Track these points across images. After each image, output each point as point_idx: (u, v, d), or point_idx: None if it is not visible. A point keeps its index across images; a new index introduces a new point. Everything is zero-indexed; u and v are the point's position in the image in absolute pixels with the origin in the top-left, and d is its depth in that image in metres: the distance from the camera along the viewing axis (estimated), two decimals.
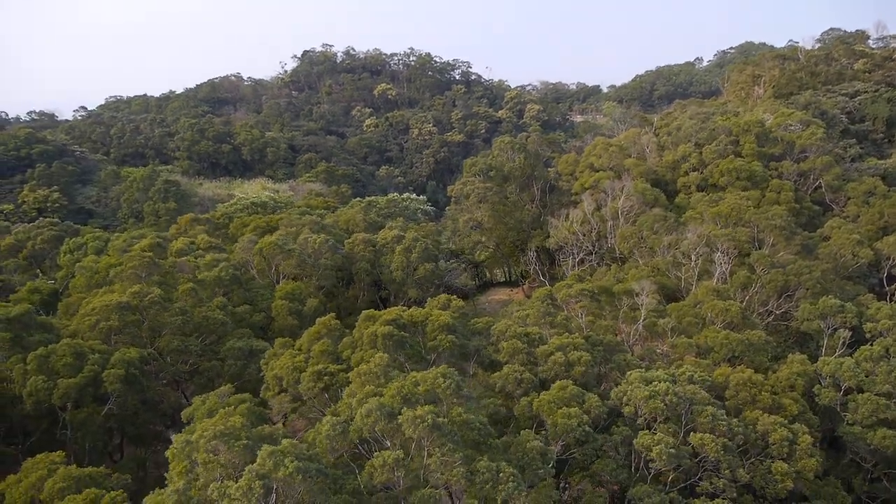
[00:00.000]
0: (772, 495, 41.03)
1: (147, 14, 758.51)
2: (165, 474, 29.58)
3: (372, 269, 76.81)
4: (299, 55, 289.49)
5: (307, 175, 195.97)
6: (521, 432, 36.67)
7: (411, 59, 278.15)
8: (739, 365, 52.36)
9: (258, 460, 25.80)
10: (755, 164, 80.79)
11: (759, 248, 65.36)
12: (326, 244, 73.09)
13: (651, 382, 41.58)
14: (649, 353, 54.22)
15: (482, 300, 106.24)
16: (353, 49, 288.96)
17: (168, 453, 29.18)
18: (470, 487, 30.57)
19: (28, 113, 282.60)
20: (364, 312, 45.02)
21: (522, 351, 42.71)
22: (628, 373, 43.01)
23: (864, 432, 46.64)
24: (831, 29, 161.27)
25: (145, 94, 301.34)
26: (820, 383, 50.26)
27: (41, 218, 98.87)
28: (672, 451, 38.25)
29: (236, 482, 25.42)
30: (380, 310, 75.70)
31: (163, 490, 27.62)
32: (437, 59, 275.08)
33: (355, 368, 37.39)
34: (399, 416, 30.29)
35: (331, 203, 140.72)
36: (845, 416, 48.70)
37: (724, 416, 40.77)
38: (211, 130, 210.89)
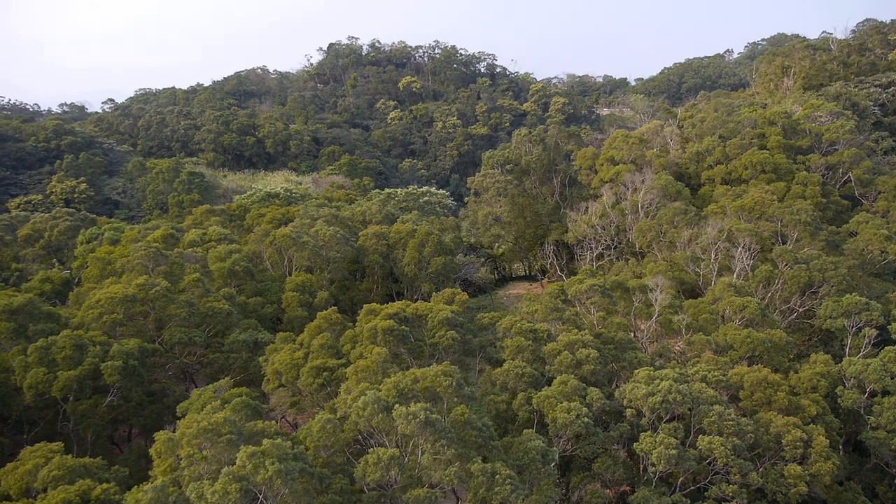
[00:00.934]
0: (785, 501, 39.32)
1: (177, 8, 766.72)
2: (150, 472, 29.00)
3: (384, 263, 75.95)
4: (325, 48, 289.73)
5: (330, 168, 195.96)
6: (523, 431, 35.46)
7: (436, 51, 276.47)
8: (758, 364, 50.53)
9: (238, 461, 25.00)
10: (780, 157, 78.08)
11: (783, 244, 63.06)
12: (337, 237, 72.33)
13: (655, 380, 40.04)
14: (664, 351, 52.56)
15: (501, 294, 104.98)
16: (378, 42, 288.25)
17: (152, 450, 28.56)
18: (466, 488, 29.55)
19: (59, 105, 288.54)
20: (366, 306, 44.17)
21: (527, 348, 41.38)
22: (636, 371, 41.51)
23: (888, 437, 44.57)
24: (867, 19, 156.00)
25: (173, 87, 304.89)
26: (843, 385, 48.13)
27: (57, 209, 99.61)
28: (673, 452, 36.75)
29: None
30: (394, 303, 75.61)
31: (144, 487, 27.01)
32: (463, 52, 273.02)
33: (353, 364, 36.46)
34: (392, 412, 29.28)
35: (352, 195, 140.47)
36: (869, 419, 46.59)
37: (732, 416, 39.04)
38: (235, 123, 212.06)
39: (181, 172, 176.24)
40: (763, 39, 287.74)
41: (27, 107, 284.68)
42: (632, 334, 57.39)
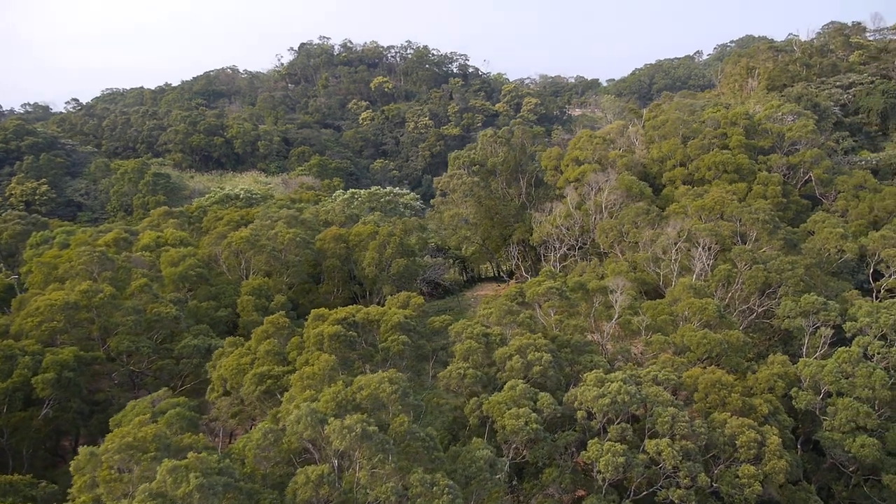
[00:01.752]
0: (741, 502, 38.91)
1: (149, 9, 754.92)
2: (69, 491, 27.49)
3: (343, 266, 74.56)
4: (296, 48, 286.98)
5: (300, 168, 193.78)
6: (472, 440, 34.49)
7: (409, 51, 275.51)
8: (717, 365, 50.21)
9: (157, 476, 23.67)
10: (742, 157, 78.26)
11: (744, 244, 62.99)
12: (297, 239, 70.84)
13: (605, 383, 39.37)
14: (623, 353, 52.03)
15: (469, 296, 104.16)
16: (350, 42, 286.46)
17: (72, 466, 27.05)
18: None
19: (22, 105, 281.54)
20: (314, 311, 42.89)
21: (477, 351, 40.43)
22: (585, 375, 40.80)
23: (842, 438, 44.44)
24: (832, 22, 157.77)
25: (141, 87, 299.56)
26: (799, 386, 47.97)
27: (8, 212, 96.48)
28: (621, 460, 36.06)
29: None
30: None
31: None
32: (435, 52, 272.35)
33: (297, 371, 35.21)
34: (326, 426, 28.09)
35: (321, 196, 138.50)
36: (825, 420, 46.47)
37: (686, 419, 38.53)
38: (203, 123, 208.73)
39: (146, 174, 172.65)
40: (732, 41, 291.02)
41: None
42: (592, 336, 56.88)
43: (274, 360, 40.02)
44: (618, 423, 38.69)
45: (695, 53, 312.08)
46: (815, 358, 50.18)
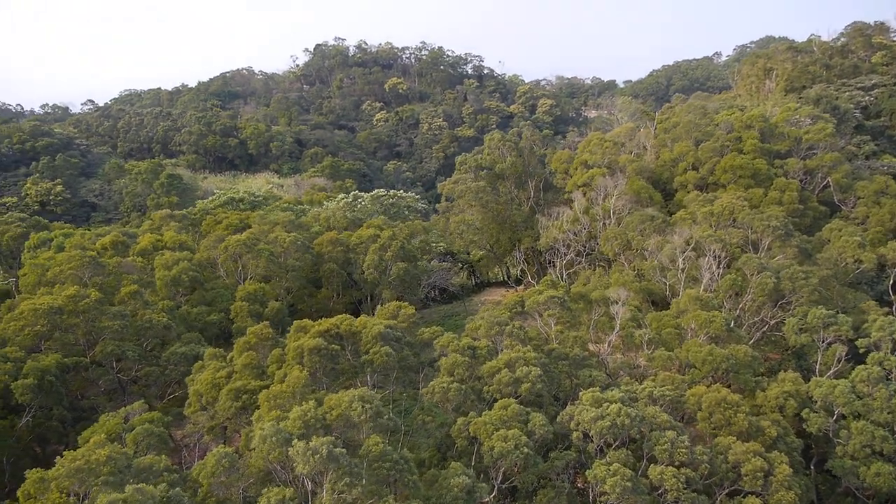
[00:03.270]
0: None
1: (167, 7, 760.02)
2: None
3: (342, 270, 72.90)
4: (311, 49, 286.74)
5: (312, 170, 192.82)
6: (451, 465, 32.49)
7: (423, 52, 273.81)
8: (724, 382, 47.76)
9: None
10: (758, 161, 75.40)
11: (756, 253, 60.30)
12: (296, 243, 69.34)
13: (604, 403, 37.18)
14: (624, 368, 49.74)
15: (476, 300, 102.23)
16: (365, 43, 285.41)
17: (20, 492, 25.54)
18: None
19: (41, 106, 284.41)
20: (296, 322, 41.14)
21: (462, 365, 38.41)
22: (581, 393, 38.62)
23: (856, 466, 41.67)
24: (855, 22, 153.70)
25: (159, 88, 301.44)
26: (811, 407, 45.28)
27: (9, 213, 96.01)
28: (628, 484, 33.91)
29: None
30: (357, 313, 72.47)
31: None
32: (450, 54, 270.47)
33: (268, 388, 33.45)
34: (289, 451, 26.29)
35: (331, 198, 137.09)
36: (838, 443, 43.79)
37: (686, 443, 36.20)
38: (218, 124, 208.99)
39: (160, 175, 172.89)
40: (752, 42, 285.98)
41: (9, 108, 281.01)
42: (595, 347, 54.63)
43: (252, 374, 38.36)
44: (616, 447, 36.54)
45: (713, 54, 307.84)
46: (829, 376, 47.43)
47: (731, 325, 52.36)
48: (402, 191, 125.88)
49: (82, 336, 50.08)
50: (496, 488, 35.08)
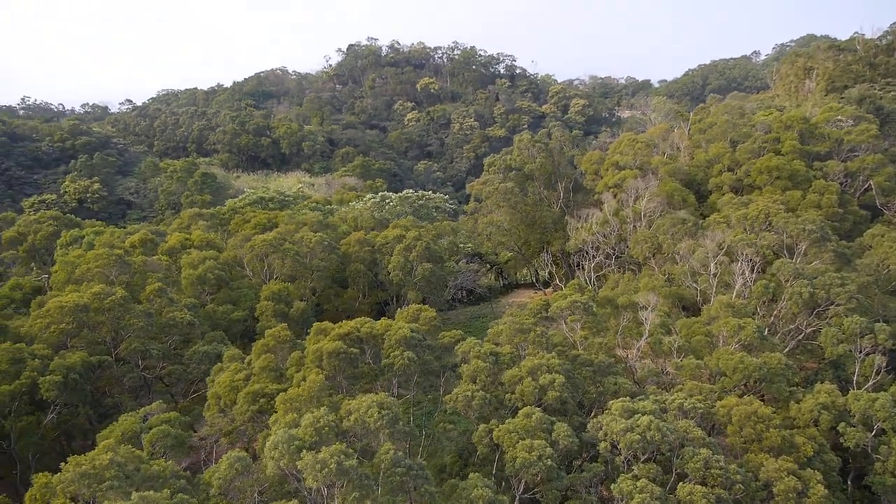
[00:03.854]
0: None
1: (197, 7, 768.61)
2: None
3: (368, 271, 72.54)
4: (344, 49, 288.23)
5: (343, 169, 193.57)
6: (471, 475, 31.60)
7: (455, 52, 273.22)
8: (756, 393, 46.06)
9: None
10: (798, 164, 72.96)
11: (791, 257, 58.22)
12: (322, 244, 69.16)
13: (634, 414, 35.90)
14: (652, 376, 48.30)
15: (503, 302, 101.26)
16: (397, 42, 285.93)
17: (27, 496, 25.43)
18: None
19: (82, 105, 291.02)
20: (315, 325, 40.67)
21: (484, 371, 37.50)
22: (610, 402, 37.37)
23: None
24: None
25: (195, 88, 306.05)
26: (848, 421, 43.31)
27: (42, 212, 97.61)
28: (657, 503, 32.63)
29: None
30: (383, 314, 72.04)
31: None
32: (482, 53, 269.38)
33: (285, 392, 33.01)
34: (299, 459, 25.72)
35: (362, 198, 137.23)
36: (877, 459, 41.77)
37: (721, 463, 34.63)
38: (251, 123, 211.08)
39: (194, 173, 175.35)
40: (792, 41, 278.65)
41: (51, 107, 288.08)
42: (622, 352, 53.23)
43: (270, 377, 38.01)
44: (645, 461, 35.21)
45: (752, 53, 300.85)
46: (867, 388, 45.39)
47: (765, 332, 50.55)
48: (431, 191, 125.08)
49: (108, 334, 50.48)
50: (517, 499, 34.13)
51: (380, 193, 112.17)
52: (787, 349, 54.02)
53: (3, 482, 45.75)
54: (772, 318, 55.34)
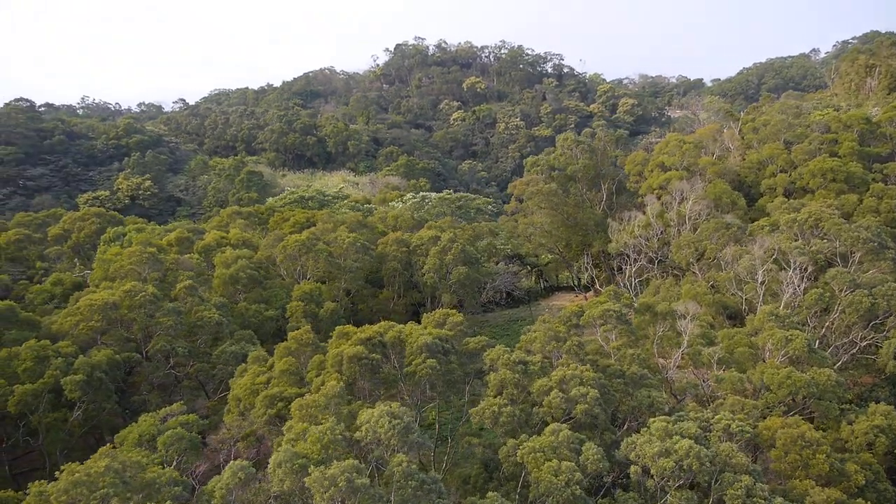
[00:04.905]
0: None
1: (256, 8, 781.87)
2: None
3: (404, 272, 71.56)
4: (392, 48, 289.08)
5: (387, 168, 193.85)
6: (487, 495, 30.02)
7: (502, 51, 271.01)
8: (803, 411, 43.13)
9: None
10: (854, 166, 68.91)
11: (844, 266, 54.73)
12: (355, 245, 68.42)
13: (673, 436, 33.43)
14: (690, 388, 45.83)
15: (543, 305, 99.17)
16: (444, 42, 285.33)
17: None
18: None
19: (138, 104, 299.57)
20: (338, 328, 39.68)
21: (512, 382, 35.80)
22: (650, 420, 35.05)
23: None
24: None
25: (246, 88, 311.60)
26: None
27: (86, 209, 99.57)
28: None
29: None
30: (417, 315, 70.98)
31: None
32: (529, 52, 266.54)
33: (300, 399, 32.06)
34: (306, 477, 24.61)
35: (402, 197, 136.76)
36: None
37: (764, 490, 32.01)
38: (298, 122, 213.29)
39: (241, 171, 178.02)
40: (854, 38, 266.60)
41: (109, 106, 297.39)
42: (659, 361, 50.80)
43: (290, 380, 37.19)
44: (679, 487, 32.77)
45: (811, 51, 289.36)
46: None
47: (815, 345, 47.47)
48: (474, 191, 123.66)
49: (139, 331, 50.65)
50: None
51: (420, 194, 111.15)
52: (839, 364, 50.76)
53: (32, 476, 46.28)
54: (823, 329, 52.13)
